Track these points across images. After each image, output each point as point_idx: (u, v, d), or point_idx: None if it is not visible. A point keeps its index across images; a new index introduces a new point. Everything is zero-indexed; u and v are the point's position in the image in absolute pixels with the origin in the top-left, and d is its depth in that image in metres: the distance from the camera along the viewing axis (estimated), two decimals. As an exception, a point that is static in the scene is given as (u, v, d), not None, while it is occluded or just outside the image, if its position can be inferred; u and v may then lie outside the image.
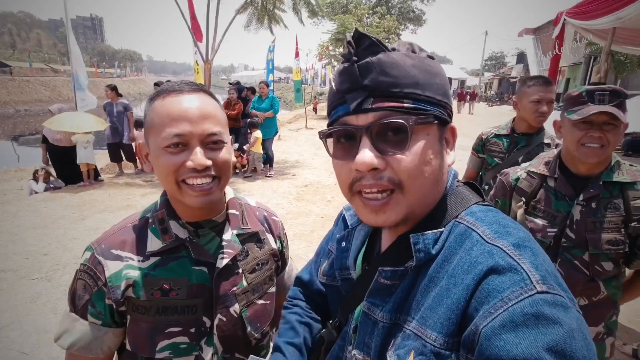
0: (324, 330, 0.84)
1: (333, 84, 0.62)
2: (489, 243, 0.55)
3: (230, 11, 10.36)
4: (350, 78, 0.58)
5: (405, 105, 0.57)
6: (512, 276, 0.50)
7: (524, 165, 1.59)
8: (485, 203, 0.66)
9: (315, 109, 16.50)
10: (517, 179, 1.53)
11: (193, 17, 8.67)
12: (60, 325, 0.86)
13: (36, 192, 6.50)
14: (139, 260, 0.86)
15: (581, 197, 1.35)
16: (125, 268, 0.84)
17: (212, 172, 0.82)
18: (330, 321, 0.83)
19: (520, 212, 1.48)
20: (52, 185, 6.79)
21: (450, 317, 0.53)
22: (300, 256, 4.01)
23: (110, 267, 0.84)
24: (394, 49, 0.59)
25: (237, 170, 7.62)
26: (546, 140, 2.17)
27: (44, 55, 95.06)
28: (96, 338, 0.84)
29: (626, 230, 1.30)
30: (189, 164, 0.79)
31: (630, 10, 5.17)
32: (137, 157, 7.85)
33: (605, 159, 1.34)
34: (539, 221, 1.43)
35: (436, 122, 0.60)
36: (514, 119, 2.28)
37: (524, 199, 1.49)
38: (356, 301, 0.71)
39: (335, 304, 0.81)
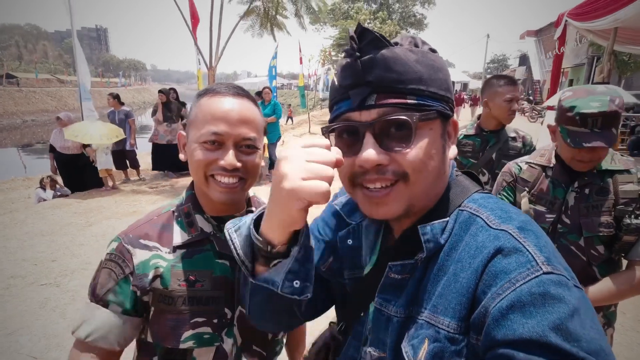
0: (326, 337, 0.83)
1: (336, 79, 0.61)
2: (493, 228, 0.56)
3: (233, 17, 10.49)
4: (353, 73, 0.57)
5: (409, 101, 0.56)
6: (518, 258, 0.51)
7: (522, 158, 1.64)
8: (485, 191, 0.67)
9: (290, 118, 16.12)
10: (520, 169, 1.58)
11: (194, 17, 8.75)
12: (79, 316, 0.87)
13: (44, 200, 6.57)
14: (166, 252, 0.88)
15: (576, 184, 1.41)
16: (153, 257, 0.87)
17: (240, 174, 0.86)
18: (332, 323, 0.82)
19: (524, 200, 1.52)
20: (59, 193, 6.88)
21: (461, 301, 0.54)
22: (306, 259, 4.02)
23: (138, 255, 0.87)
24: (396, 44, 0.58)
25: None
26: (512, 135, 2.25)
27: (50, 66, 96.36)
28: (115, 327, 0.85)
29: (614, 213, 1.35)
30: (221, 162, 0.83)
31: (630, 10, 5.18)
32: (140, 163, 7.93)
33: None
34: (539, 208, 1.49)
35: (439, 117, 0.59)
36: (478, 117, 2.34)
37: (527, 189, 1.53)
38: (368, 299, 0.69)
39: (339, 301, 0.80)
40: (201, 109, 0.86)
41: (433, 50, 0.61)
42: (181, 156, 0.93)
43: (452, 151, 0.65)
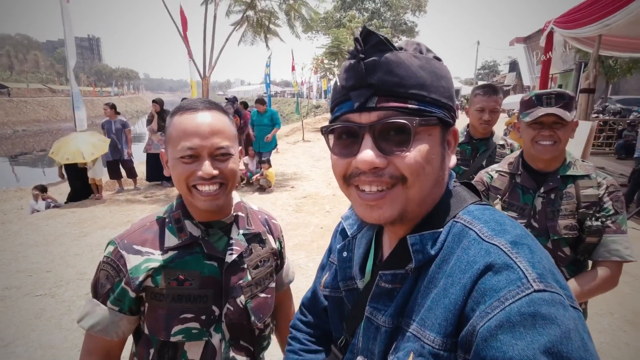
0: (327, 357, 0.83)
1: (338, 80, 0.62)
2: (485, 241, 0.54)
3: (227, 27, 10.58)
4: (356, 75, 0.57)
5: (410, 106, 0.56)
6: (508, 275, 0.49)
7: (492, 166, 1.73)
8: (483, 202, 0.66)
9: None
10: (491, 177, 1.67)
11: (185, 32, 8.87)
12: (83, 308, 0.97)
13: (38, 211, 6.55)
14: (158, 254, 0.96)
15: (542, 190, 1.50)
16: (144, 262, 0.94)
17: (219, 180, 0.93)
18: (333, 344, 0.81)
19: (497, 208, 1.61)
20: (53, 204, 6.85)
21: (448, 317, 0.53)
22: (300, 266, 4.06)
23: (132, 261, 0.94)
24: (401, 48, 0.58)
25: (237, 184, 7.67)
26: (500, 142, 2.36)
27: (41, 75, 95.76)
28: (113, 322, 0.95)
29: (577, 216, 1.44)
30: (199, 173, 0.90)
31: (617, 18, 5.34)
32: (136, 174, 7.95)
33: (559, 156, 1.49)
34: (511, 214, 1.56)
35: (439, 124, 0.59)
36: (468, 125, 2.44)
37: (499, 196, 1.62)
38: (363, 312, 0.67)
39: (337, 317, 0.80)
40: (175, 127, 0.92)
41: (437, 59, 0.62)
42: (165, 172, 1.01)
43: (452, 160, 0.65)
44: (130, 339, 1.05)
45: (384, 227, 0.71)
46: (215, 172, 0.91)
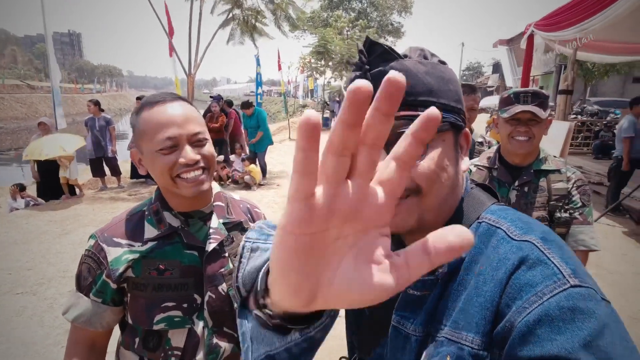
0: None
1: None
2: (516, 240, 0.54)
3: (212, 25, 10.51)
4: None
5: (420, 114, 0.56)
6: (543, 270, 0.49)
7: (471, 160, 1.80)
8: (502, 204, 0.65)
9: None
10: (470, 171, 1.74)
11: (171, 30, 8.80)
12: (67, 301, 0.99)
13: (17, 209, 6.40)
14: (138, 245, 0.97)
15: (516, 183, 1.59)
16: (124, 253, 0.96)
17: (202, 164, 0.96)
18: (343, 358, 0.79)
19: None
20: (32, 203, 6.70)
21: (485, 315, 0.52)
22: (287, 262, 4.08)
23: (112, 253, 0.96)
24: (405, 56, 0.58)
25: (222, 182, 7.65)
26: (479, 140, 2.47)
27: (19, 71, 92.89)
28: (96, 314, 0.97)
29: (548, 208, 1.53)
30: (182, 160, 0.92)
31: (595, 22, 5.54)
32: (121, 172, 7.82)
33: (534, 151, 1.58)
34: None
35: (451, 129, 0.59)
36: None
37: None
38: (387, 321, 0.64)
39: (354, 324, 0.76)
40: (146, 121, 0.93)
41: (442, 62, 0.61)
42: (141, 170, 1.02)
43: (465, 163, 0.64)
44: (117, 330, 1.06)
45: (404, 236, 0.69)
46: (198, 156, 0.94)
